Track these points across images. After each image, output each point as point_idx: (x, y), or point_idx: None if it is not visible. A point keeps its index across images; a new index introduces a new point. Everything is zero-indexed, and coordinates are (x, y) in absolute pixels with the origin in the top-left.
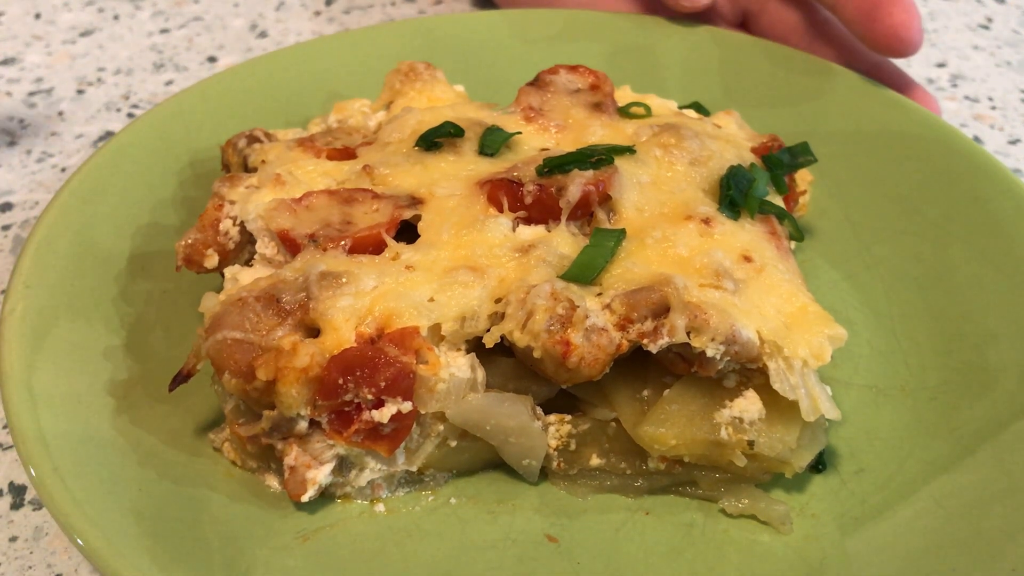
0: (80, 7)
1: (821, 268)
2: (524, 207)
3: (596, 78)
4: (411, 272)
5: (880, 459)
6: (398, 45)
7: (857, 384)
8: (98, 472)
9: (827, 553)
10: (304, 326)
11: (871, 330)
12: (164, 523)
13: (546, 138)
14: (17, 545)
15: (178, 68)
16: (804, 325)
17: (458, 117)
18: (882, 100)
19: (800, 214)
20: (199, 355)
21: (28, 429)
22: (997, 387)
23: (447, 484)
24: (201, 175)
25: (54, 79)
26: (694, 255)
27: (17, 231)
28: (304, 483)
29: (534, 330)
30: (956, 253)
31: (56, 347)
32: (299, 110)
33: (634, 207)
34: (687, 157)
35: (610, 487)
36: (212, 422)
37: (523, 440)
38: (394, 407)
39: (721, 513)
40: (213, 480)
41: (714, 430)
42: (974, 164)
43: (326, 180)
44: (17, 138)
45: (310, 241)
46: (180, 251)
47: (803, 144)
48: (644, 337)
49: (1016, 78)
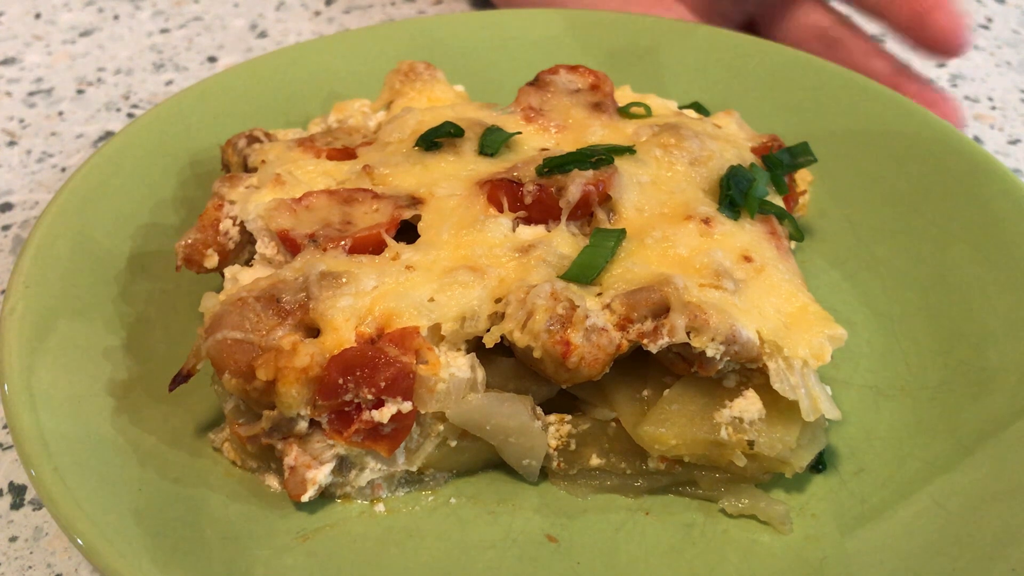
0: (80, 7)
1: (821, 268)
2: (524, 207)
3: (596, 78)
4: (411, 272)
5: (880, 459)
6: (398, 45)
7: (857, 384)
8: (98, 472)
9: (827, 553)
10: (304, 326)
11: (871, 330)
12: (164, 523)
13: (546, 138)
14: (17, 545)
15: (178, 68)
16: (804, 325)
17: (458, 117)
18: (882, 100)
19: (800, 214)
20: (199, 355)
21: (28, 429)
22: (997, 387)
23: (447, 484)
24: (201, 175)
25: (54, 79)
26: (694, 255)
27: (17, 231)
28: (304, 483)
29: (534, 330)
30: (956, 253)
31: (56, 347)
32: (299, 110)
33: (634, 207)
34: (687, 157)
35: (610, 487)
36: (212, 422)
37: (523, 440)
38: (394, 407)
39: (721, 513)
40: (213, 480)
41: (714, 430)
42: (974, 164)
43: (326, 180)
44: (17, 138)
45: (310, 241)
46: (180, 251)
47: (803, 144)
48: (644, 337)
49: (1016, 78)
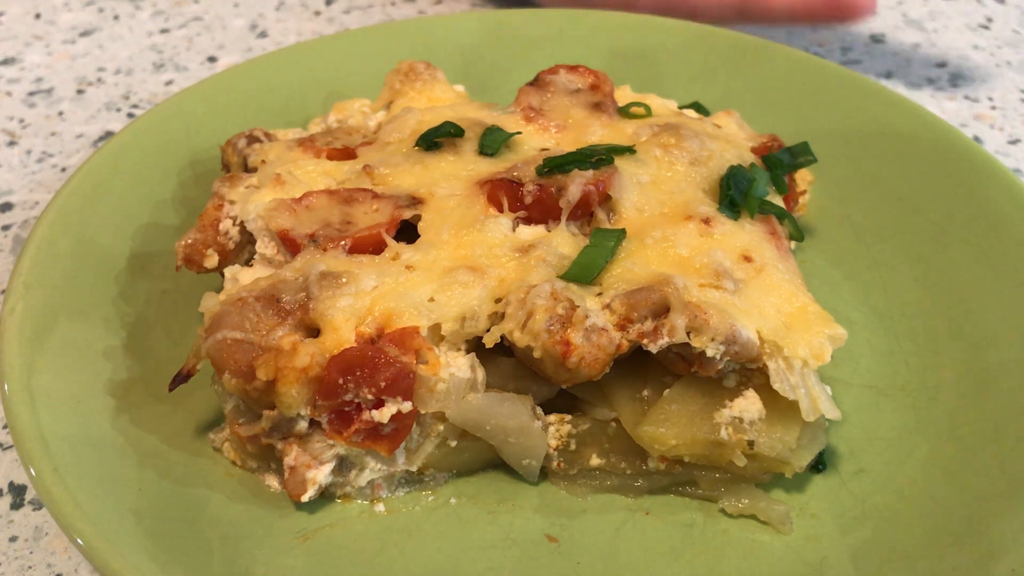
0: (80, 7)
1: (821, 268)
2: (524, 207)
3: (596, 78)
4: (411, 272)
5: (880, 459)
6: (398, 45)
7: (857, 384)
8: (98, 472)
9: (827, 553)
10: (304, 326)
11: (871, 330)
12: (164, 523)
13: (546, 138)
14: (17, 545)
15: (178, 68)
16: (804, 325)
17: (458, 117)
18: (882, 100)
19: (800, 214)
20: (199, 355)
21: (28, 429)
22: (997, 387)
23: (447, 484)
24: (201, 175)
25: (54, 79)
26: (694, 255)
27: (17, 231)
28: (304, 483)
29: (534, 330)
30: (956, 253)
31: (56, 347)
32: (299, 110)
33: (634, 207)
34: (687, 157)
35: (610, 487)
36: (212, 422)
37: (523, 440)
38: (394, 407)
39: (721, 513)
40: (213, 480)
41: (714, 430)
42: (974, 164)
43: (326, 180)
44: (17, 138)
45: (310, 241)
46: (180, 251)
47: (803, 144)
48: (644, 337)
49: (1016, 78)
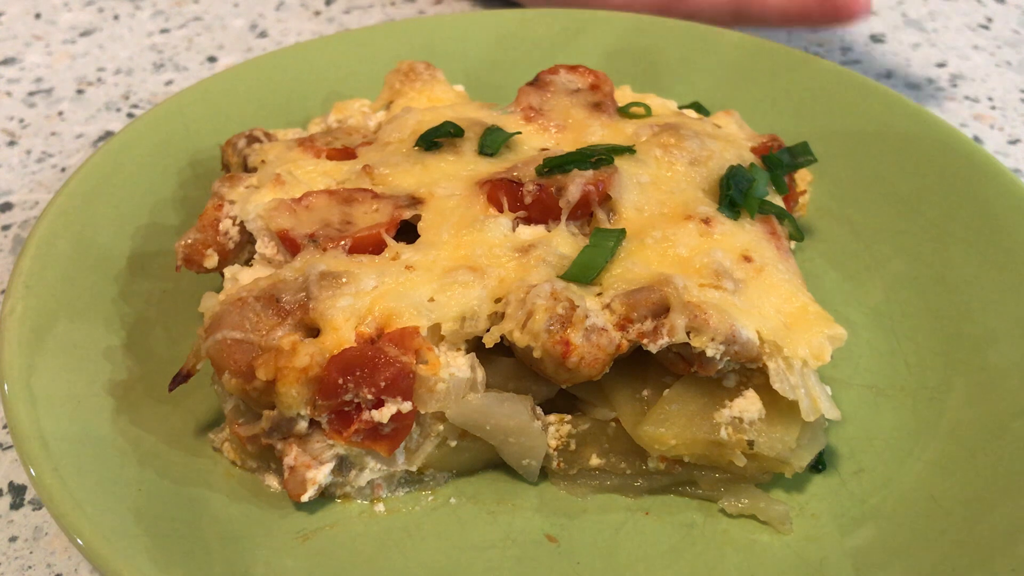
0: (80, 7)
1: (821, 268)
2: (524, 207)
3: (596, 78)
4: (411, 272)
5: (880, 459)
6: (398, 45)
7: (857, 384)
8: (98, 472)
9: (827, 553)
10: (304, 326)
11: (871, 330)
12: (164, 523)
13: (546, 138)
14: (17, 545)
15: (178, 68)
16: (804, 325)
17: (458, 117)
18: (882, 100)
19: (800, 214)
20: (199, 355)
21: (28, 429)
22: (997, 387)
23: (447, 484)
24: (201, 175)
25: (54, 79)
26: (694, 255)
27: (17, 231)
28: (304, 483)
29: (534, 330)
30: (956, 253)
31: (56, 347)
32: (299, 110)
33: (634, 207)
34: (687, 157)
35: (610, 487)
36: (212, 422)
37: (523, 440)
38: (394, 407)
39: (721, 513)
40: (213, 480)
41: (714, 430)
42: (974, 164)
43: (326, 180)
44: (17, 138)
45: (310, 241)
46: (180, 251)
47: (803, 144)
48: (644, 337)
49: (1016, 78)
